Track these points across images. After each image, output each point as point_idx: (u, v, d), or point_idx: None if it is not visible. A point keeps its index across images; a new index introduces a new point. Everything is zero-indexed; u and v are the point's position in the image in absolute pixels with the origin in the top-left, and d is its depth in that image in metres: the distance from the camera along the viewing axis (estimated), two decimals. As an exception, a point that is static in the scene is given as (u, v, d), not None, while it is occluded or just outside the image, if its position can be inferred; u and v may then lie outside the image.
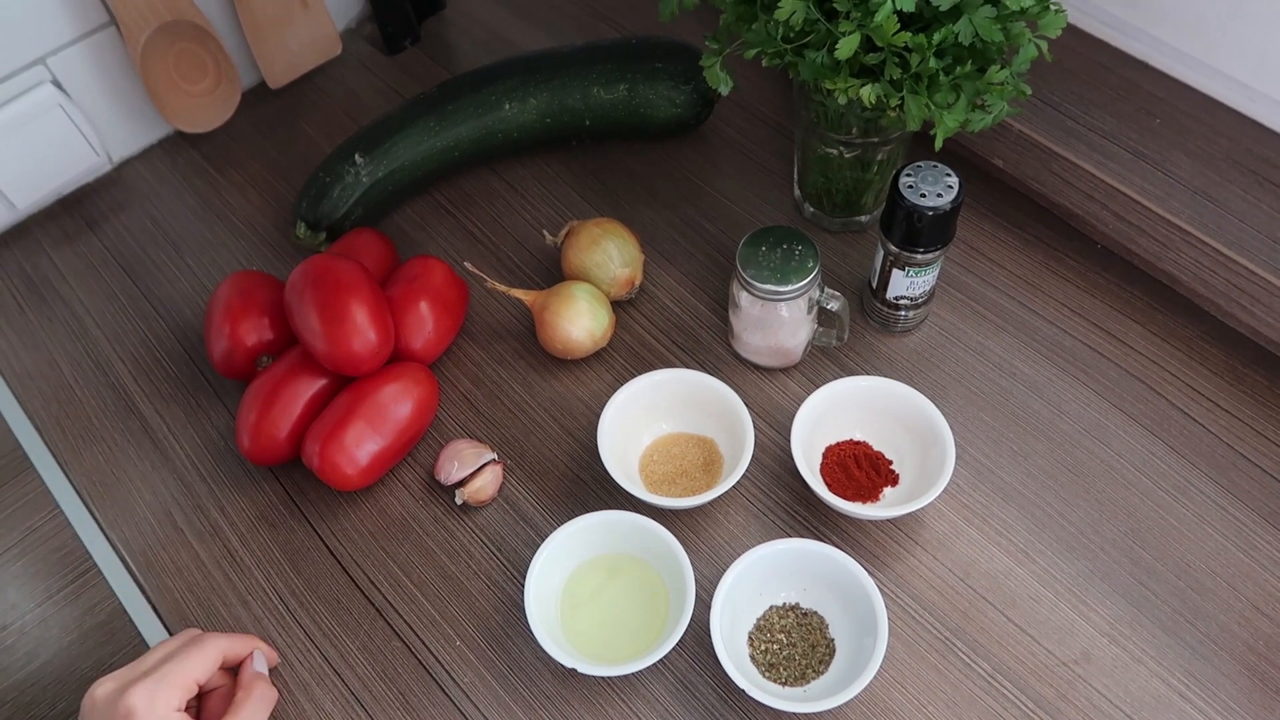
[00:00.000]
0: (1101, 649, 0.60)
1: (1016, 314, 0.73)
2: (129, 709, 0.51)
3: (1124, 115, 0.74)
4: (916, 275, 0.67)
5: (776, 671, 0.59)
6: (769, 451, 0.68)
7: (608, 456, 0.64)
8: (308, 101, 0.92)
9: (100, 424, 0.74)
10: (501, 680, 0.61)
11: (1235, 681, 0.58)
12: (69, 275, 0.82)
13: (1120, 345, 0.71)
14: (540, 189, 0.84)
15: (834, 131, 0.70)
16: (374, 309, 0.66)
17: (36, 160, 0.82)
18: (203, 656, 0.55)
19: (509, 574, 0.65)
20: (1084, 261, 0.75)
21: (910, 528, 0.65)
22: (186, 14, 0.79)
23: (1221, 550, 0.63)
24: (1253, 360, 0.70)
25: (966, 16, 0.56)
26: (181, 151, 0.89)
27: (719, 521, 0.66)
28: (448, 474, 0.67)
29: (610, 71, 0.80)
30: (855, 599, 0.59)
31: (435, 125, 0.79)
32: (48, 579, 0.67)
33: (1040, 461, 0.67)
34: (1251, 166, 0.70)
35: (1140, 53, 0.77)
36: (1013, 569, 0.63)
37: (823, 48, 0.59)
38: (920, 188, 0.63)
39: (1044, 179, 0.75)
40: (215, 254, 0.82)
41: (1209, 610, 0.61)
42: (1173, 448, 0.67)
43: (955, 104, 0.59)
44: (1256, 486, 0.65)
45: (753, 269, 0.65)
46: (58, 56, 0.79)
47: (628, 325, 0.75)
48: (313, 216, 0.78)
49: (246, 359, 0.70)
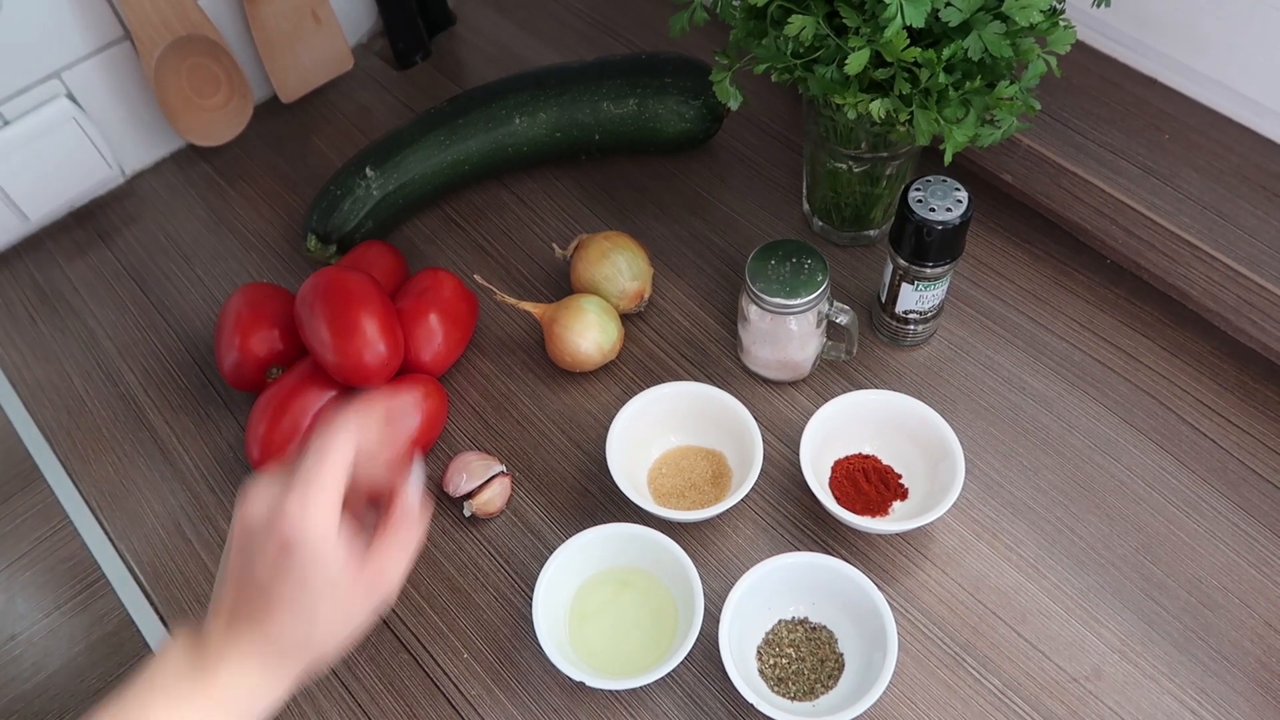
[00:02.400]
0: (1113, 665, 0.59)
1: (1026, 329, 0.73)
2: (285, 541, 0.47)
3: (1133, 131, 0.74)
4: (925, 289, 0.67)
5: (785, 686, 0.59)
6: (778, 465, 0.68)
7: (616, 469, 0.64)
8: (319, 116, 0.92)
9: (110, 435, 0.74)
10: (509, 693, 0.61)
11: (1248, 698, 0.58)
12: (81, 287, 0.82)
13: (1130, 360, 0.71)
14: (550, 203, 0.84)
15: (843, 146, 0.70)
16: (384, 321, 0.67)
17: (50, 173, 0.82)
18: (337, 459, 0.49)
19: (517, 587, 0.65)
20: (1094, 276, 0.75)
21: (920, 542, 0.65)
22: (200, 29, 0.80)
23: (1233, 566, 0.62)
24: (1264, 375, 0.70)
25: (976, 32, 0.56)
26: (194, 165, 0.90)
27: (727, 535, 0.66)
28: (456, 486, 0.67)
29: (620, 86, 0.80)
30: (864, 613, 0.59)
31: (446, 139, 0.80)
32: (56, 589, 0.67)
33: (1050, 476, 0.67)
34: (1261, 182, 0.70)
35: (1149, 69, 0.77)
36: (1023, 584, 0.62)
37: (832, 63, 0.59)
38: (929, 202, 0.63)
39: (1053, 194, 0.75)
40: (226, 266, 0.83)
41: (1221, 626, 0.60)
42: (1183, 463, 0.66)
43: (964, 119, 0.59)
44: (1268, 502, 0.64)
45: (762, 282, 0.65)
46: (72, 71, 0.80)
47: (637, 338, 0.75)
48: (323, 229, 0.78)
49: (256, 370, 0.70)
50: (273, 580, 0.47)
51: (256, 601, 0.48)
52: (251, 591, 0.48)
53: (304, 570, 0.47)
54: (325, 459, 0.48)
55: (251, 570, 0.48)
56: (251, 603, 0.48)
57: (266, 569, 0.48)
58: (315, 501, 0.48)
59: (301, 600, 0.48)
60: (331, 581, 0.48)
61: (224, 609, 0.49)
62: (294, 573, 0.47)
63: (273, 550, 0.47)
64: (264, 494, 0.49)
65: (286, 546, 0.47)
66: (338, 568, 0.48)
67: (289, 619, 0.48)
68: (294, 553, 0.47)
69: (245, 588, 0.48)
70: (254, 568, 0.48)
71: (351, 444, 0.50)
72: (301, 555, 0.47)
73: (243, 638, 0.48)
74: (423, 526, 0.51)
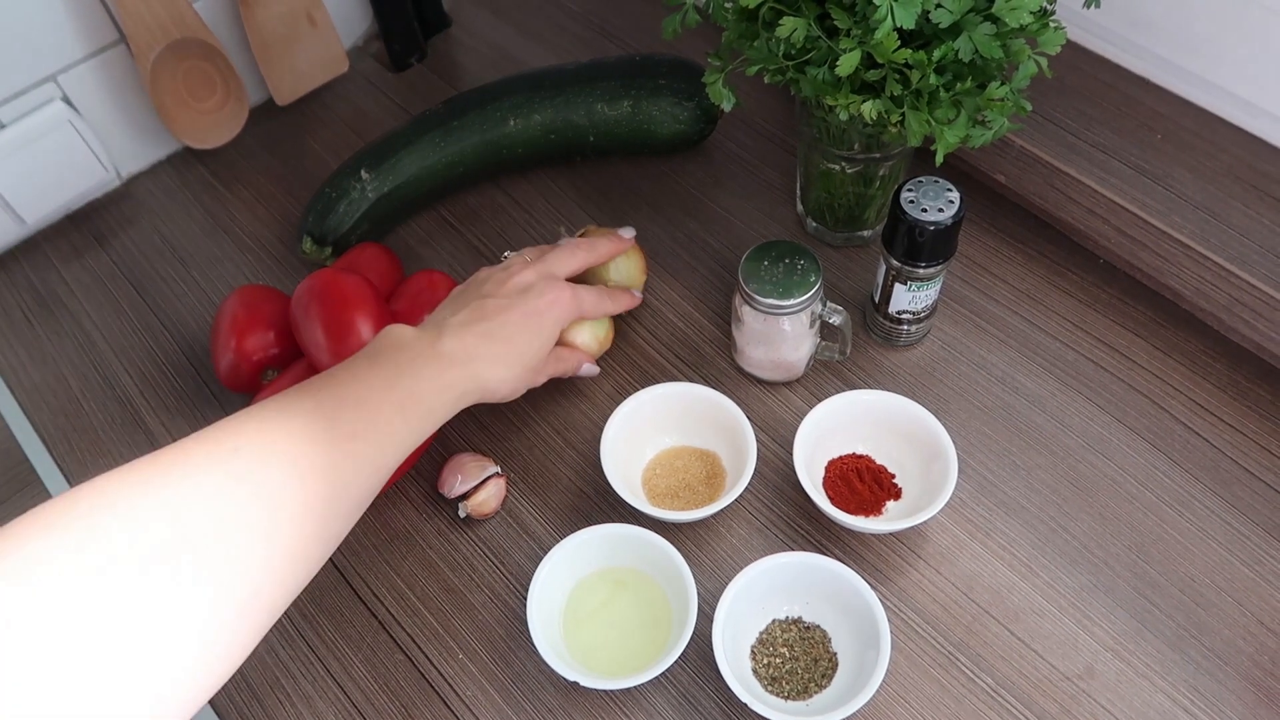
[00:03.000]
0: (1105, 664, 0.60)
1: (1019, 328, 0.74)
2: (559, 297, 0.65)
3: (1125, 131, 0.74)
4: (918, 290, 0.68)
5: (779, 685, 0.59)
6: (771, 465, 0.68)
7: (611, 470, 0.65)
8: (315, 118, 0.93)
9: (107, 437, 0.74)
10: (504, 693, 0.61)
11: (1240, 697, 0.58)
12: (77, 290, 0.83)
13: (1123, 360, 0.71)
14: (544, 204, 0.84)
15: (836, 147, 0.70)
16: (379, 323, 0.67)
17: (46, 176, 0.82)
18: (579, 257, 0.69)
19: (512, 587, 0.65)
20: (1086, 276, 0.76)
21: (913, 541, 0.65)
22: (195, 32, 0.80)
23: (1226, 565, 0.62)
24: (1256, 375, 0.70)
25: (966, 34, 0.56)
26: (190, 167, 0.90)
27: (721, 535, 0.66)
28: (451, 487, 0.67)
29: (614, 88, 0.81)
30: (858, 613, 0.59)
31: (441, 141, 0.80)
32: (53, 591, 0.67)
33: (1043, 475, 0.67)
34: (1253, 182, 0.71)
35: (1141, 69, 0.77)
36: (1016, 583, 0.63)
37: (824, 64, 0.60)
38: (922, 203, 0.63)
39: (1046, 194, 0.75)
40: (222, 269, 0.83)
41: (1213, 625, 0.60)
42: (1176, 462, 0.67)
43: (956, 120, 0.59)
44: (1260, 501, 0.65)
45: (755, 283, 0.65)
46: (68, 74, 0.80)
47: (630, 339, 0.76)
48: (319, 231, 0.79)
49: (252, 373, 0.70)
50: (514, 302, 0.62)
51: (492, 314, 0.61)
52: (490, 308, 0.61)
53: (542, 303, 0.63)
54: (571, 253, 0.68)
55: (491, 295, 0.63)
56: (486, 314, 0.61)
57: (509, 293, 0.63)
58: (566, 265, 0.67)
59: (536, 323, 0.63)
60: (556, 320, 0.64)
61: (455, 318, 0.61)
62: (534, 300, 0.63)
63: (522, 280, 0.64)
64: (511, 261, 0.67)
65: (538, 281, 0.64)
66: (561, 316, 0.65)
67: (520, 332, 0.62)
68: (542, 288, 0.64)
69: (483, 306, 0.62)
70: (496, 292, 0.63)
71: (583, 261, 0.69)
72: (548, 293, 0.64)
73: (473, 330, 0.60)
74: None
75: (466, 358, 0.59)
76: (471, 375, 0.59)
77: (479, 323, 0.61)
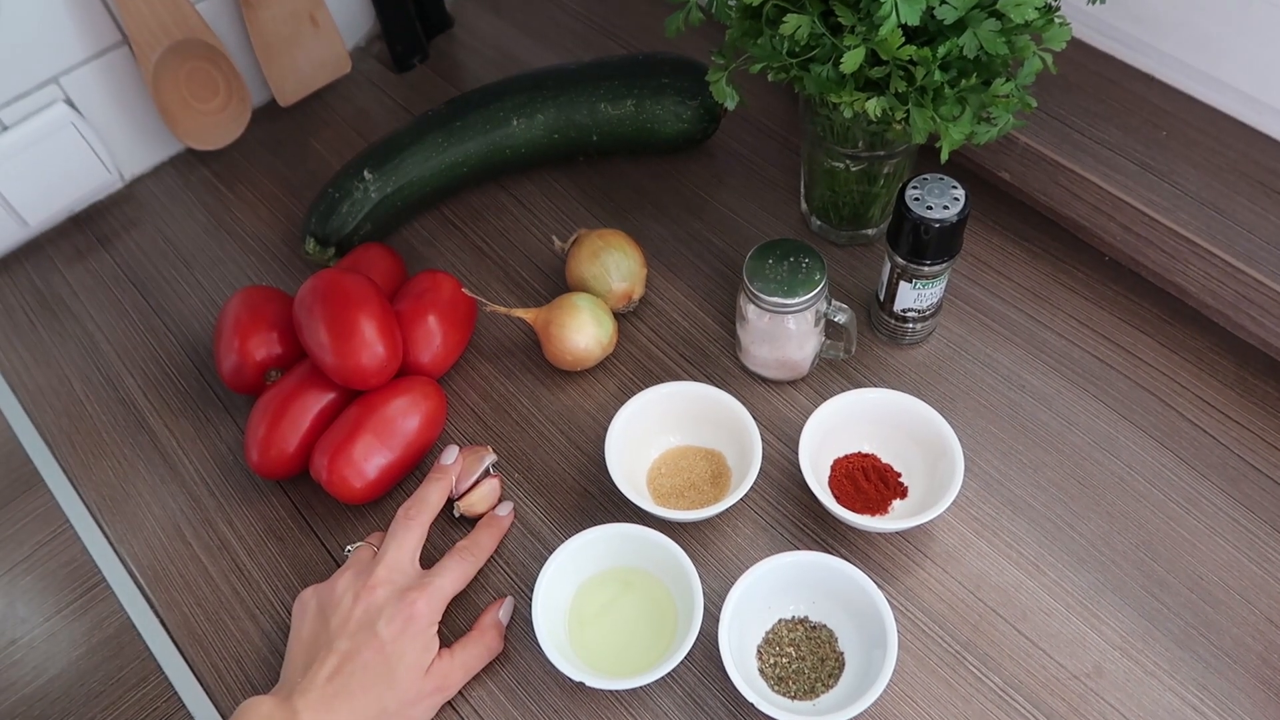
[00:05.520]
0: (1114, 662, 0.59)
1: (1025, 326, 0.73)
2: (412, 615, 0.58)
3: (1130, 128, 0.74)
4: (924, 288, 0.67)
5: (786, 685, 0.59)
6: (777, 464, 0.68)
7: (615, 469, 0.64)
8: (317, 119, 0.93)
9: (110, 439, 0.74)
10: (509, 694, 0.61)
11: (1250, 695, 0.58)
12: (80, 291, 0.83)
13: (1129, 357, 0.71)
14: (548, 204, 0.84)
15: (840, 145, 0.70)
16: (382, 323, 0.67)
17: (49, 178, 0.82)
18: (461, 573, 0.62)
19: (517, 587, 0.65)
20: (1092, 273, 0.75)
21: (919, 540, 0.64)
22: (198, 33, 0.80)
23: (1234, 562, 0.62)
24: (1263, 371, 0.70)
25: (971, 30, 0.56)
26: (192, 169, 0.90)
27: (727, 534, 0.66)
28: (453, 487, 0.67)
29: (617, 87, 0.81)
30: (864, 612, 0.59)
31: (444, 141, 0.80)
32: (57, 593, 0.67)
33: (1050, 474, 0.67)
34: (1258, 178, 0.70)
35: (1146, 66, 0.77)
36: (1023, 582, 0.62)
37: (828, 62, 0.59)
38: (927, 200, 0.63)
39: (1051, 191, 0.75)
40: (225, 270, 0.83)
41: (1222, 623, 0.60)
42: (1183, 459, 0.66)
43: (961, 117, 0.59)
44: (1269, 497, 0.64)
45: (760, 282, 0.65)
46: (70, 75, 0.80)
47: (635, 339, 0.75)
48: (322, 232, 0.79)
49: (255, 373, 0.70)
50: (361, 642, 0.57)
51: (344, 663, 0.56)
52: (339, 656, 0.56)
53: (393, 629, 0.57)
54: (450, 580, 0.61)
55: (338, 635, 0.57)
56: (337, 665, 0.56)
57: (354, 630, 0.57)
58: (438, 593, 0.60)
59: (395, 655, 0.57)
60: (416, 638, 0.58)
61: (306, 677, 0.56)
62: (384, 629, 0.57)
63: (371, 605, 0.58)
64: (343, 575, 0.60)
65: (387, 602, 0.58)
66: (430, 655, 0.58)
67: (377, 676, 0.56)
68: (391, 612, 0.58)
69: (331, 653, 0.56)
70: (342, 631, 0.57)
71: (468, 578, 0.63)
72: (398, 615, 0.58)
73: (326, 690, 0.55)
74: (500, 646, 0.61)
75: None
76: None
77: (331, 679, 0.56)
